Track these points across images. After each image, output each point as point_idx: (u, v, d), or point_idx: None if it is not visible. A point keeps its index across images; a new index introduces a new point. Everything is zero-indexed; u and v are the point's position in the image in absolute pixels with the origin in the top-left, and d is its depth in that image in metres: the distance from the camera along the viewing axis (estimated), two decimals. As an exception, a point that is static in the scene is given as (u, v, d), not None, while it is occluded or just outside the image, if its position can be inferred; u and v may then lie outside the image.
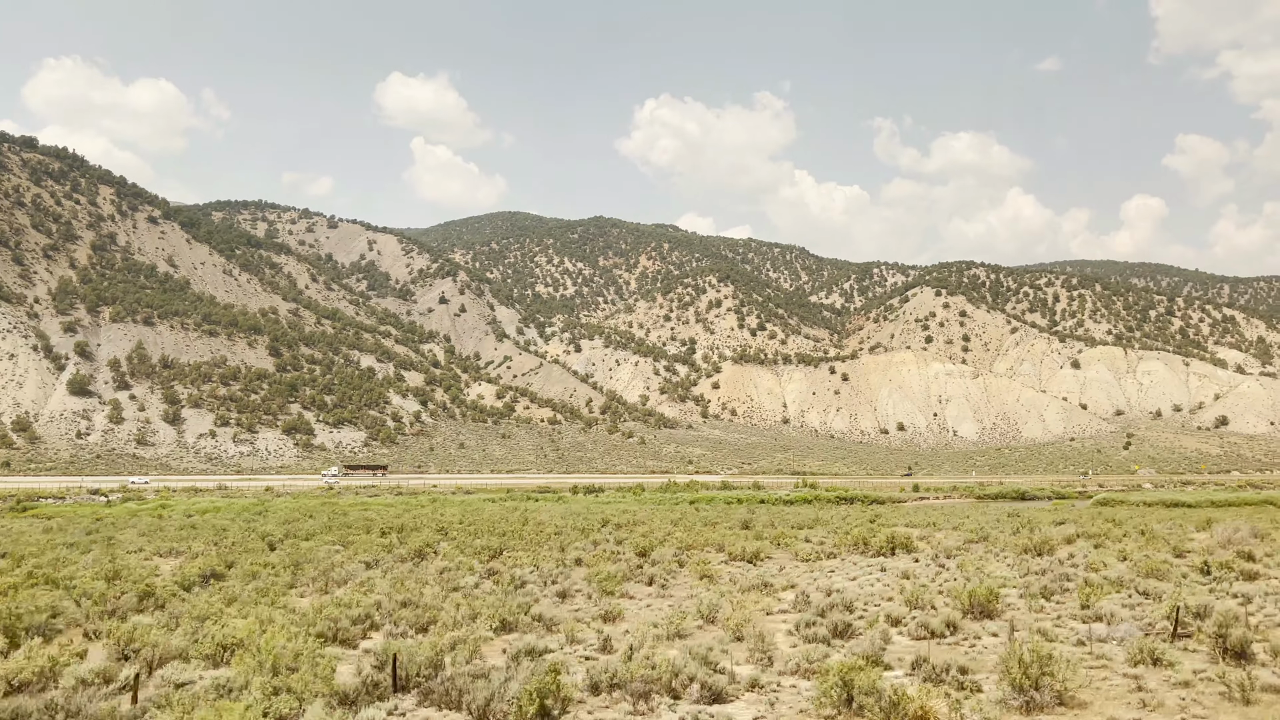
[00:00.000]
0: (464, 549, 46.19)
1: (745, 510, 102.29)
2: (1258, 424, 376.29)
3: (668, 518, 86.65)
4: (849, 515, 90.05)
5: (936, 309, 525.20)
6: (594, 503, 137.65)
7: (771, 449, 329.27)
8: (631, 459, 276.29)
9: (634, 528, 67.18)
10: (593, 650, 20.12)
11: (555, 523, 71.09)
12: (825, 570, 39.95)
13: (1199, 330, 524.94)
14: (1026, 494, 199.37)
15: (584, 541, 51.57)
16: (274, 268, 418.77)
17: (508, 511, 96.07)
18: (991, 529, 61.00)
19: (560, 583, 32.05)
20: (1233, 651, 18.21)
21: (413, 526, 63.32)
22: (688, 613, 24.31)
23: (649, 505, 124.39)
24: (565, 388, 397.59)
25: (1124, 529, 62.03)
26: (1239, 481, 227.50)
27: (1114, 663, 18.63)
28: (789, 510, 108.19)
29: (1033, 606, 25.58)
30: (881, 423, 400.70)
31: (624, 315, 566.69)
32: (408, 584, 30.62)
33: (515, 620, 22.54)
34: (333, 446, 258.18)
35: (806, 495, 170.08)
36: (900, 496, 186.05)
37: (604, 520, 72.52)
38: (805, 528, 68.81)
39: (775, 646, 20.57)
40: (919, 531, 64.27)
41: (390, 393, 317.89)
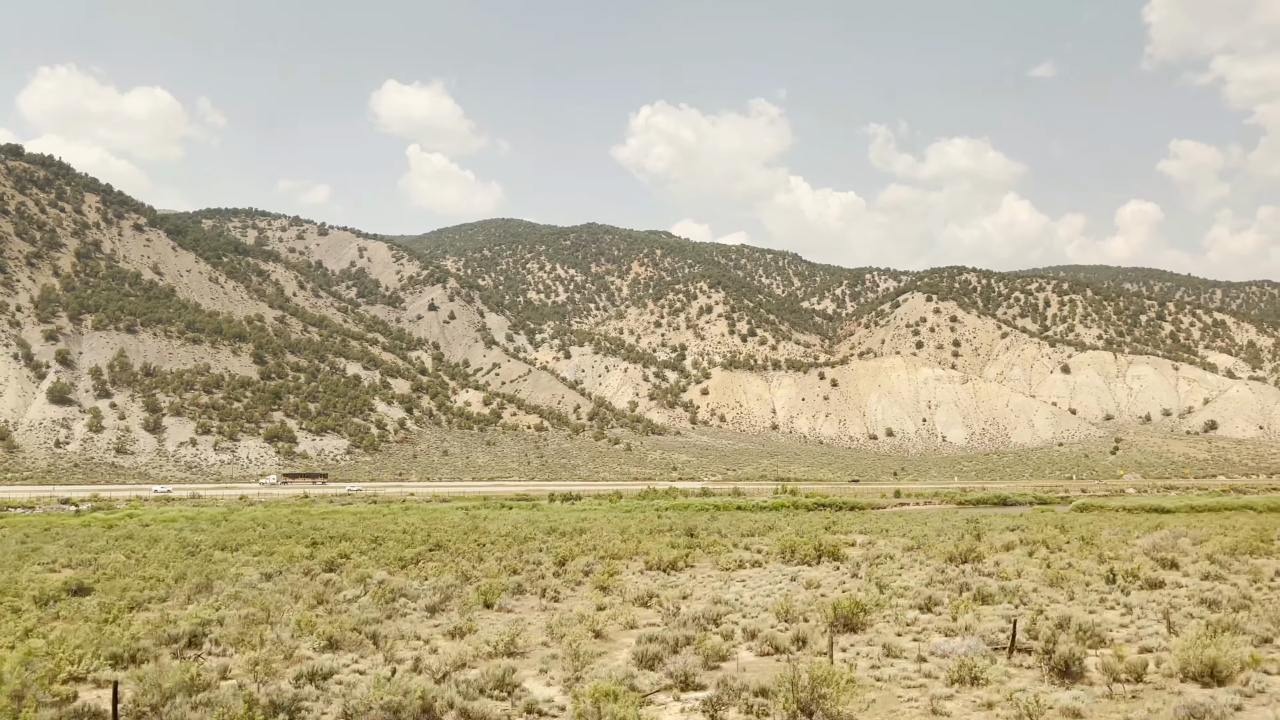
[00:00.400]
0: (381, 560, 45.21)
1: (707, 517, 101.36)
2: (1246, 428, 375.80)
3: (620, 525, 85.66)
4: (809, 522, 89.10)
5: (927, 314, 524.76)
6: (567, 510, 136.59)
7: (759, 455, 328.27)
8: (616, 466, 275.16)
9: (578, 536, 66.22)
10: (405, 670, 19.11)
11: (503, 531, 70.11)
12: (737, 579, 39.02)
13: (1189, 335, 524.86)
14: (1008, 500, 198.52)
15: (513, 550, 50.60)
16: (261, 275, 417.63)
17: (468, 520, 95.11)
18: (935, 537, 60.06)
19: (446, 594, 31.07)
20: (1057, 668, 17.27)
21: (349, 536, 62.31)
22: (534, 626, 23.34)
23: (618, 512, 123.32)
24: (553, 394, 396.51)
25: (1068, 536, 61.16)
26: (1223, 486, 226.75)
27: (935, 682, 17.71)
28: (753, 517, 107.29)
29: (902, 620, 24.65)
30: (870, 428, 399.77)
31: (615, 321, 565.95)
32: (278, 598, 29.62)
33: (343, 638, 21.55)
34: (315, 454, 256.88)
35: (784, 502, 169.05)
36: (880, 502, 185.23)
37: (551, 529, 71.49)
38: (754, 535, 67.92)
39: (599, 665, 19.61)
40: (865, 538, 63.38)
41: (375, 400, 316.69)
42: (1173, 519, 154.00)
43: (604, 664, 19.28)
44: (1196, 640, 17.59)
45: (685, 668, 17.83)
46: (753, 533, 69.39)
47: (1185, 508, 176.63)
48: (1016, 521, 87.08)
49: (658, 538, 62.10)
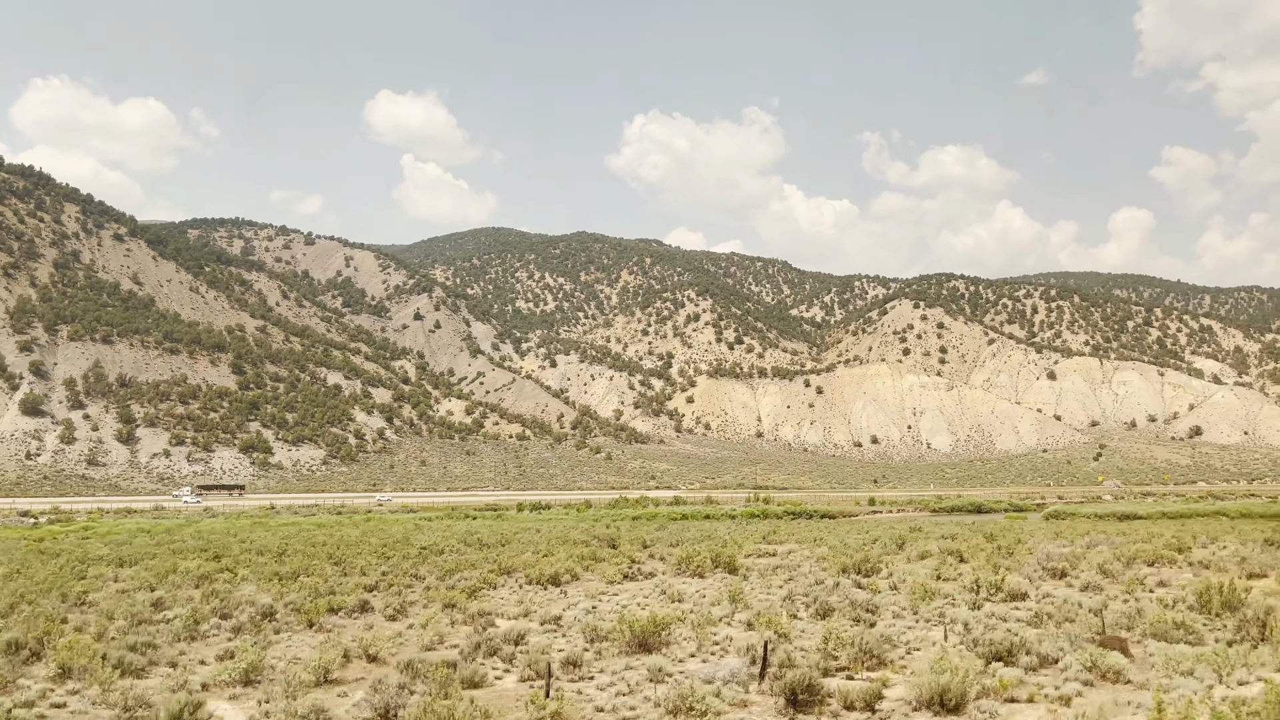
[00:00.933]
0: (260, 574, 43.96)
1: (655, 526, 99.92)
2: (1231, 434, 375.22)
3: (562, 535, 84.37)
4: (751, 531, 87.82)
5: (914, 321, 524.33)
6: (530, 520, 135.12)
7: (741, 463, 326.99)
8: (594, 475, 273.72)
9: (499, 548, 65.03)
10: (100, 704, 17.86)
11: (427, 542, 68.80)
12: (610, 594, 37.77)
13: (1176, 340, 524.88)
14: (983, 507, 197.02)
15: (408, 563, 49.30)
16: (244, 285, 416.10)
17: (407, 531, 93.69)
18: (860, 546, 58.76)
19: (265, 612, 29.81)
20: (788, 695, 16.04)
21: (265, 550, 61.10)
22: (325, 648, 22.14)
23: (584, 521, 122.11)
24: (537, 403, 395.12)
25: (995, 544, 59.90)
26: (1201, 492, 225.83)
27: (650, 714, 16.42)
28: (704, 525, 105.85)
29: (706, 639, 23.39)
30: (855, 436, 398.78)
31: (602, 330, 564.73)
32: (85, 617, 28.34)
33: (77, 665, 20.22)
34: (290, 465, 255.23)
35: (753, 510, 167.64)
36: (853, 510, 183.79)
37: (478, 540, 70.15)
38: (682, 544, 66.58)
39: (312, 696, 18.32)
40: (788, 548, 62.16)
41: (355, 410, 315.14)
42: (1143, 525, 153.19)
43: (314, 697, 17.97)
44: (934, 664, 16.36)
45: (383, 701, 16.58)
46: (680, 542, 68.08)
47: (1157, 514, 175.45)
48: (961, 530, 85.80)
49: (576, 548, 60.87)
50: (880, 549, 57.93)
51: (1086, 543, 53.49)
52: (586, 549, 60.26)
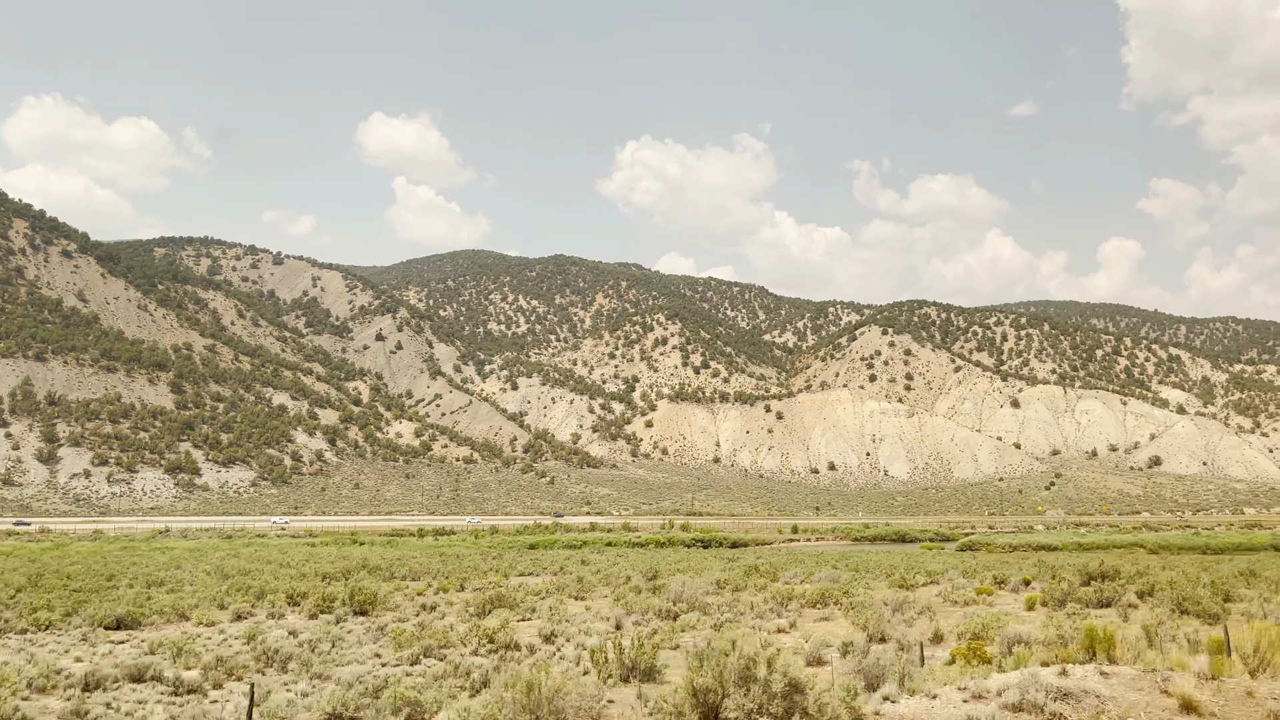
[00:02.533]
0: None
1: (492, 555, 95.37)
2: (1190, 464, 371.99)
3: (390, 556, 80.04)
4: (620, 561, 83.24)
5: (882, 348, 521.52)
6: (413, 546, 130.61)
7: (689, 489, 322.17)
8: (529, 500, 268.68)
9: (302, 578, 60.36)
10: None
11: (247, 568, 64.54)
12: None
13: (1144, 370, 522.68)
14: (906, 536, 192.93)
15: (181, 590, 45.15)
16: (199, 303, 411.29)
17: (233, 558, 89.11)
18: (589, 581, 54.42)
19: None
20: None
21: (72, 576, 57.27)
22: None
23: (468, 548, 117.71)
24: (491, 426, 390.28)
25: (769, 578, 55.66)
26: (1135, 523, 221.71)
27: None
28: (553, 555, 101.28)
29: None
30: (813, 462, 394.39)
31: (570, 353, 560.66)
32: None
33: None
34: (217, 487, 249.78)
35: (662, 539, 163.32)
36: (768, 539, 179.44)
37: (276, 562, 65.69)
38: (523, 574, 62.20)
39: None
40: (539, 579, 57.83)
41: (297, 431, 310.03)
42: (1054, 556, 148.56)
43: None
44: None
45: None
46: (523, 572, 63.62)
47: (1072, 545, 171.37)
48: (832, 562, 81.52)
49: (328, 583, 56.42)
50: (618, 583, 53.51)
51: (821, 576, 49.30)
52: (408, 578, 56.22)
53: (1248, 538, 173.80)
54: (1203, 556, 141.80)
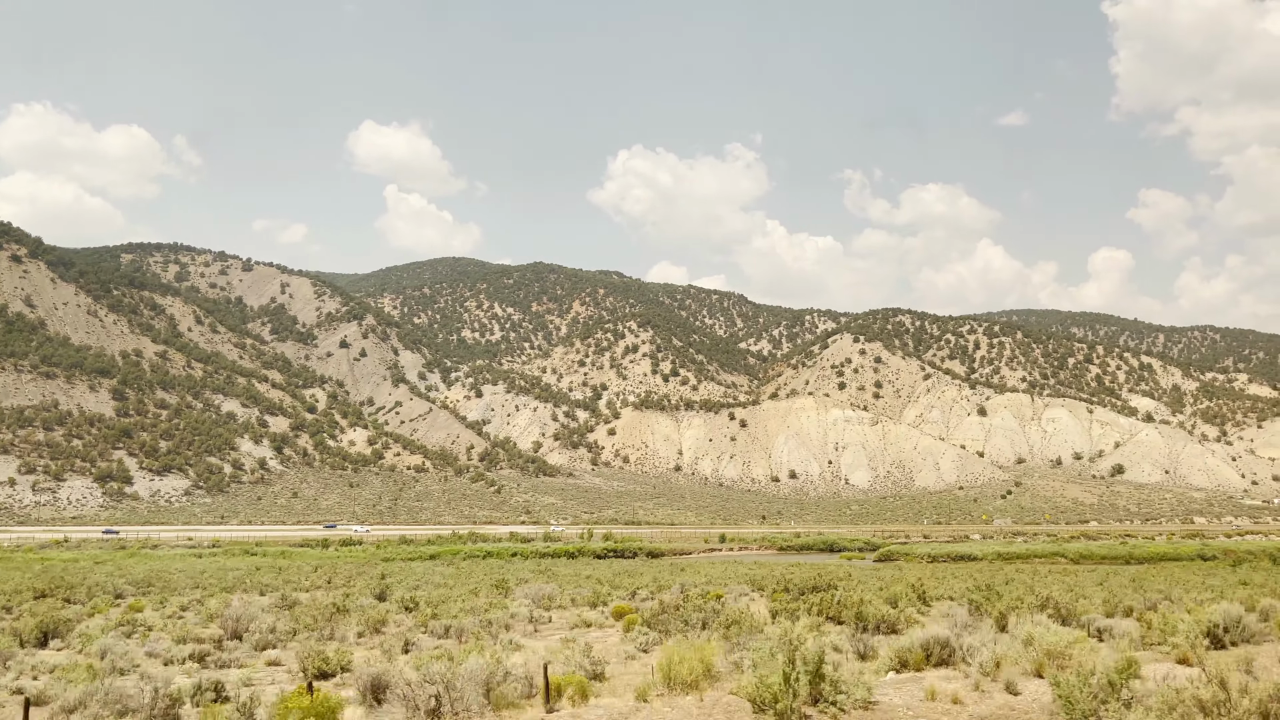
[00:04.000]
0: None
1: (341, 570, 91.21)
2: (1152, 472, 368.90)
3: (184, 569, 75.86)
4: (474, 574, 79.24)
5: (853, 355, 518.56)
6: (299, 557, 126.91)
7: (641, 497, 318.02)
8: (466, 509, 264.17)
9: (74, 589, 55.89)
10: None
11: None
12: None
13: (1115, 378, 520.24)
14: (835, 546, 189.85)
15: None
16: (156, 310, 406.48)
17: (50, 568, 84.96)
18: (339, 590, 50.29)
19: None
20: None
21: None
22: None
23: (345, 560, 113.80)
24: (449, 434, 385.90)
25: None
26: (1073, 532, 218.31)
27: None
28: (429, 568, 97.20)
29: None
30: (774, 470, 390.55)
31: (540, 360, 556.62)
32: None
33: None
34: (148, 496, 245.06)
35: (572, 548, 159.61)
36: (689, 549, 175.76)
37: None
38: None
39: None
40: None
41: (243, 439, 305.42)
42: (972, 567, 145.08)
43: None
44: None
45: None
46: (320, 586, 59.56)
47: (993, 555, 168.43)
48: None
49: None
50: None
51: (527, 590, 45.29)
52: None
53: (1173, 547, 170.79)
54: (1122, 567, 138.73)
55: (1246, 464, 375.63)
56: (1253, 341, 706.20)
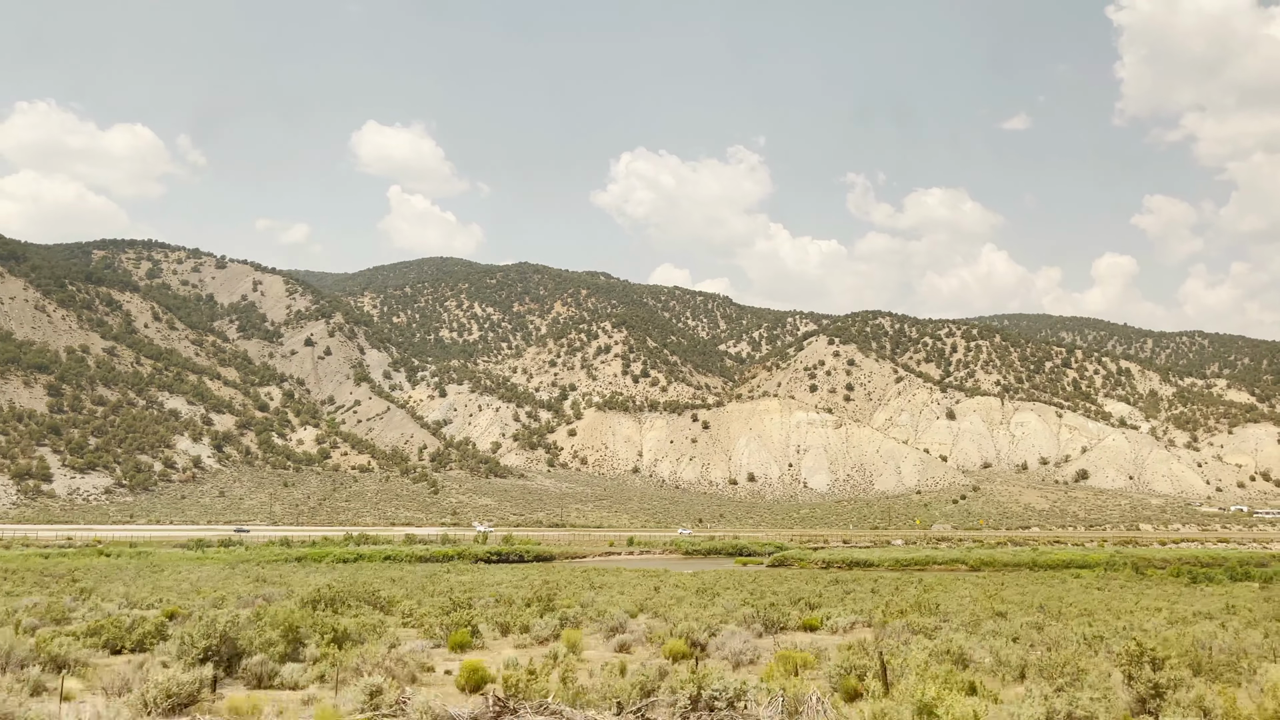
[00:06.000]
0: None
1: (167, 571, 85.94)
2: (1116, 478, 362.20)
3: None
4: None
5: (827, 358, 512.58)
6: (172, 559, 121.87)
7: (587, 499, 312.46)
8: (391, 510, 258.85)
9: None
10: None
11: None
12: None
13: (1092, 383, 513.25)
14: (745, 549, 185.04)
15: None
16: (112, 305, 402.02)
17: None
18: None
19: None
20: None
21: None
22: None
23: (184, 562, 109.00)
24: (403, 434, 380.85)
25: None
26: (1000, 538, 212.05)
27: None
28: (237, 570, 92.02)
29: None
30: (733, 473, 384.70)
31: (512, 360, 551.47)
32: None
33: None
34: (66, 494, 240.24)
35: (448, 551, 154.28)
36: (585, 553, 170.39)
37: None
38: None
39: None
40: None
41: (181, 437, 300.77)
42: (864, 573, 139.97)
43: None
44: None
45: None
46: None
47: (890, 561, 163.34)
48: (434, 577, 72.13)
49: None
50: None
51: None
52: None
53: (1081, 555, 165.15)
54: (1023, 573, 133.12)
55: (1212, 470, 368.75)
56: (1240, 348, 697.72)
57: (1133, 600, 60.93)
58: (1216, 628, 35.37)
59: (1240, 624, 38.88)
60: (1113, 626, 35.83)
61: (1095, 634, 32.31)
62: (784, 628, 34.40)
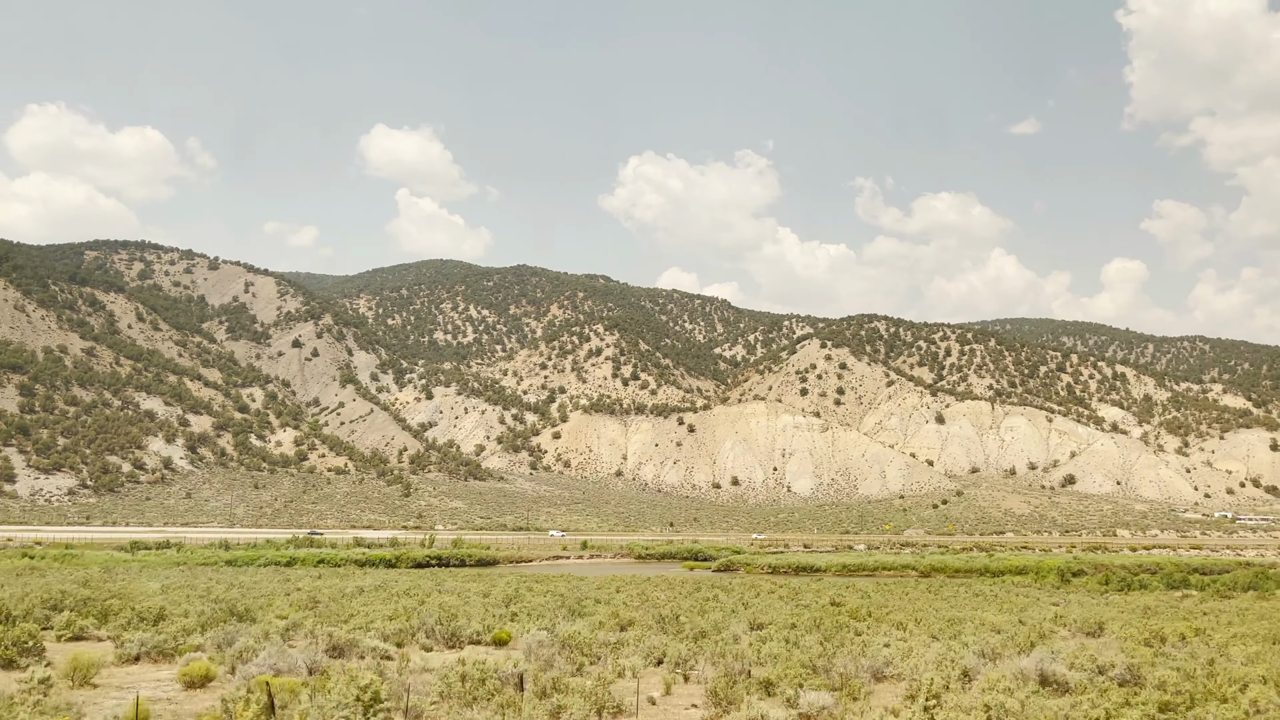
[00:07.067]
0: None
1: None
2: (1103, 483, 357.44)
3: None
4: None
5: (818, 361, 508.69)
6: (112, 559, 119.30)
7: (562, 503, 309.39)
8: (357, 513, 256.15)
9: None
10: None
11: None
12: None
13: (1087, 387, 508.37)
14: (701, 554, 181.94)
15: None
16: (95, 306, 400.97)
17: None
18: None
19: None
20: None
21: None
22: None
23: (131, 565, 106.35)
24: (384, 436, 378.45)
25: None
26: (968, 544, 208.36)
27: None
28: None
29: None
30: (717, 477, 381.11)
31: (504, 363, 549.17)
32: None
33: None
34: (28, 495, 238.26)
35: (387, 555, 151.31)
36: (532, 556, 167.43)
37: None
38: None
39: None
40: None
41: (156, 438, 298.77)
42: (810, 579, 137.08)
43: None
44: None
45: None
46: None
47: (837, 566, 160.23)
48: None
49: None
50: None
51: None
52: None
53: (1035, 561, 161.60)
54: (973, 579, 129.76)
55: (1201, 476, 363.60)
56: (1242, 353, 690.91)
57: (995, 608, 57.70)
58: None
59: (993, 635, 35.69)
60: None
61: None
62: (476, 641, 31.27)
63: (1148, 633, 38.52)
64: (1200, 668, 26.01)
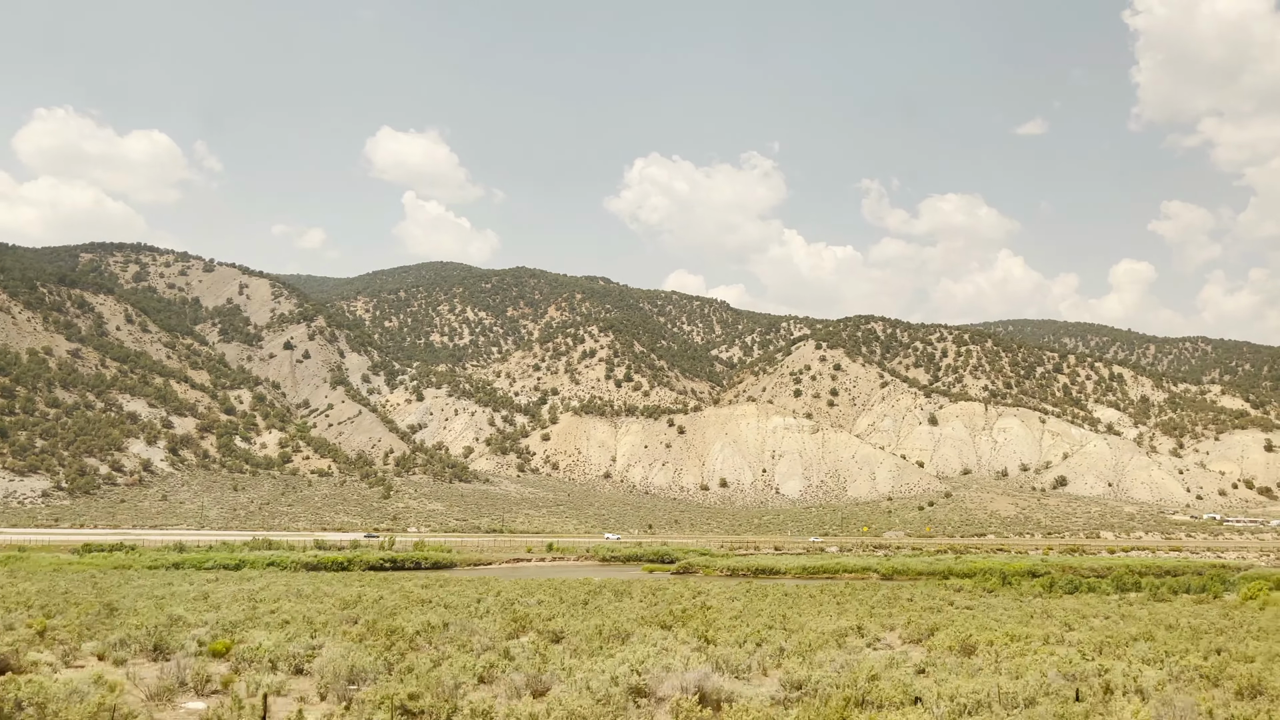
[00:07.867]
0: None
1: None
2: (1095, 485, 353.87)
3: None
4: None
5: (813, 362, 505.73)
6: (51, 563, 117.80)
7: (544, 505, 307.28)
8: (330, 515, 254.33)
9: None
10: None
11: None
12: None
13: (1084, 388, 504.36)
14: (667, 557, 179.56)
15: None
16: (83, 308, 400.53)
17: None
18: None
19: None
20: None
21: None
22: None
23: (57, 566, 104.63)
24: (371, 438, 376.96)
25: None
26: (941, 546, 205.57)
27: None
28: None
29: None
30: (705, 479, 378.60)
31: (498, 365, 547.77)
32: None
33: None
34: (1, 497, 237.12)
35: (341, 559, 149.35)
36: (493, 559, 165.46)
37: None
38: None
39: None
40: None
41: (137, 440, 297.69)
42: (768, 581, 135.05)
43: None
44: None
45: None
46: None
47: (797, 569, 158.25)
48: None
49: None
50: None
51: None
52: None
53: (1001, 564, 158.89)
54: (933, 581, 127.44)
55: (1194, 477, 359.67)
56: (1244, 354, 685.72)
57: (863, 613, 55.35)
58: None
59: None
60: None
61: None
62: (199, 652, 29.12)
63: (980, 641, 36.21)
64: (907, 676, 23.77)
